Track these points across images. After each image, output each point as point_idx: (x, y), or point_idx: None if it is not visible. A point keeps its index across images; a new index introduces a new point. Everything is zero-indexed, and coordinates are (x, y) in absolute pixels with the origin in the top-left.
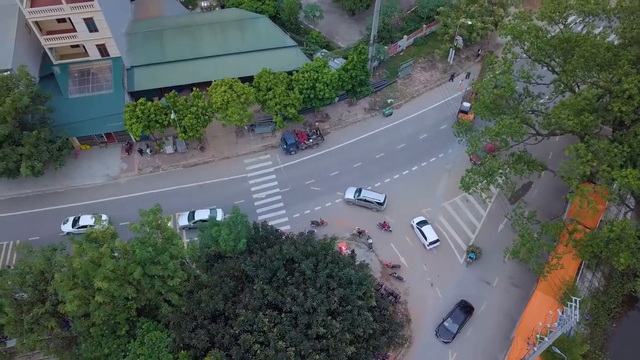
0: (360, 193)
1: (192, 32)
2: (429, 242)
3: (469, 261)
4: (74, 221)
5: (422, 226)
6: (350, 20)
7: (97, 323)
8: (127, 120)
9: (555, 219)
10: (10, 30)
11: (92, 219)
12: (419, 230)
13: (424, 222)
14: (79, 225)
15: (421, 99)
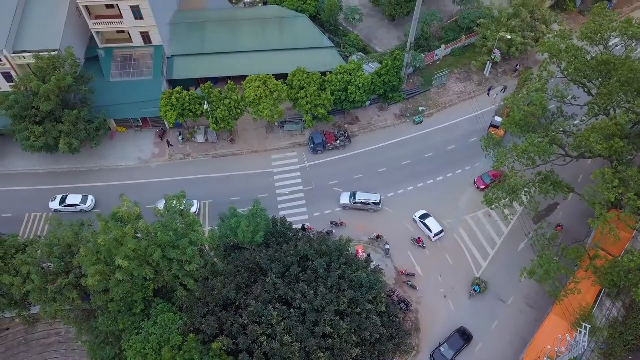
0: (355, 196)
1: (232, 26)
2: (434, 233)
3: (472, 294)
4: (61, 199)
5: (424, 219)
6: (390, 25)
7: (115, 299)
8: (162, 107)
9: (577, 242)
10: (61, 12)
11: (79, 198)
12: (422, 224)
13: (426, 214)
14: (66, 204)
15: (453, 109)
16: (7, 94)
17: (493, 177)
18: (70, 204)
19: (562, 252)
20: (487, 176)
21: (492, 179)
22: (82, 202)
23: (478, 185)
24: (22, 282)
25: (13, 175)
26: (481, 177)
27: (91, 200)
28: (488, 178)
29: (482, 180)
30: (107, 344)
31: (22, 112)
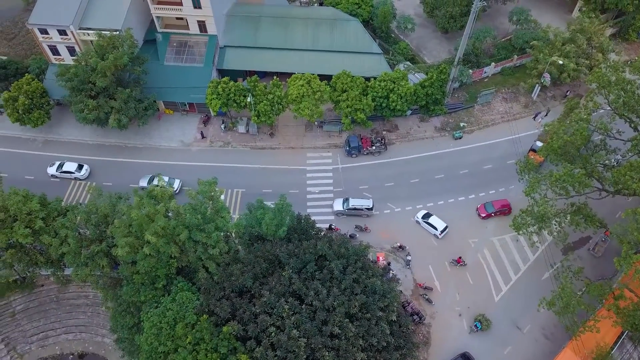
0: (349, 202)
1: (285, 24)
2: (440, 230)
3: (473, 329)
4: (59, 166)
5: (427, 218)
6: (442, 37)
7: (141, 272)
8: (209, 95)
9: (604, 279)
10: None
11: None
12: (427, 224)
13: (428, 214)
14: (62, 170)
15: (495, 128)
16: (69, 67)
17: (497, 207)
18: (66, 171)
19: (585, 288)
20: (490, 205)
21: (495, 209)
22: (77, 170)
23: (480, 213)
24: (60, 244)
25: (65, 144)
26: (484, 206)
27: (86, 170)
28: (492, 208)
29: (485, 208)
30: (128, 313)
31: (80, 85)
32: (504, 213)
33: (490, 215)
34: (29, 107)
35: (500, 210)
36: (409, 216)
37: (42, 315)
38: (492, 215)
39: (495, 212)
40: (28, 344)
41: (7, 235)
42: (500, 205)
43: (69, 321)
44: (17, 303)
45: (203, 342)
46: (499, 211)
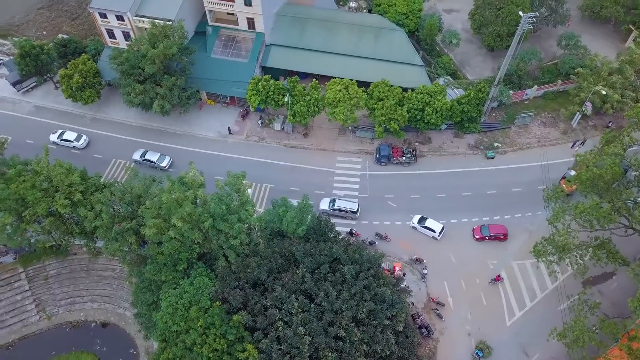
0: (335, 203)
1: (331, 28)
2: (437, 232)
3: (475, 357)
4: (60, 134)
5: (424, 222)
6: (487, 55)
7: (165, 253)
8: (249, 91)
9: (620, 318)
10: None
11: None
12: (424, 227)
13: (423, 218)
14: (62, 138)
15: (529, 152)
16: (122, 51)
17: (493, 232)
18: (65, 139)
19: (599, 324)
20: (486, 229)
21: (490, 233)
22: (75, 140)
23: (474, 234)
24: (94, 217)
25: (111, 123)
26: (480, 228)
27: (84, 140)
28: (487, 231)
29: (480, 231)
30: (149, 290)
31: (130, 70)
32: (498, 238)
33: (484, 239)
34: (82, 85)
35: (495, 236)
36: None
37: (72, 282)
38: (485, 238)
39: (490, 237)
40: (56, 307)
41: (48, 204)
42: (496, 230)
43: (95, 290)
44: (50, 268)
45: (213, 327)
46: (493, 236)
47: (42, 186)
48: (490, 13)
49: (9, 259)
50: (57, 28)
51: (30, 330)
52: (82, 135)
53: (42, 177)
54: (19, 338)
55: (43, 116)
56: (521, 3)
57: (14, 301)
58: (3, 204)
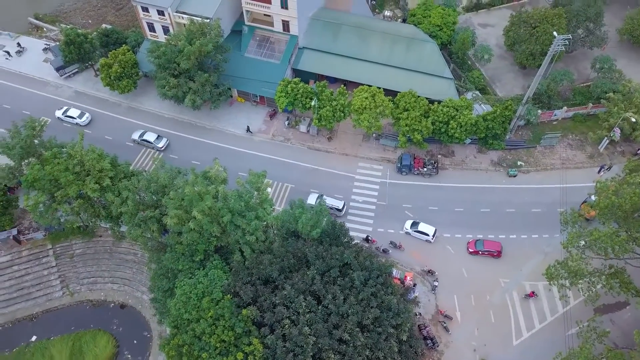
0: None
1: (364, 35)
2: (431, 235)
3: None
4: (64, 111)
5: (416, 227)
6: (519, 72)
7: (184, 243)
8: (278, 92)
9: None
10: None
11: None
12: (417, 232)
13: (416, 223)
14: (66, 115)
15: (553, 173)
16: (160, 45)
17: (486, 247)
18: (70, 116)
19: (606, 353)
20: (481, 244)
21: (484, 249)
22: (79, 117)
23: (468, 247)
24: (121, 203)
25: (144, 112)
26: (475, 243)
27: (87, 118)
28: (481, 246)
29: (475, 245)
30: (166, 277)
31: (166, 63)
32: (492, 255)
33: (477, 253)
34: (120, 74)
35: (488, 252)
36: (446, 243)
37: (95, 262)
38: (479, 253)
39: (483, 252)
40: (79, 285)
41: (79, 187)
42: (491, 247)
43: (116, 272)
44: (76, 247)
45: (223, 318)
46: (487, 252)
47: (74, 169)
48: (525, 31)
49: (39, 236)
50: (102, 17)
51: (53, 304)
52: (85, 113)
53: (75, 161)
54: (42, 311)
55: (82, 101)
56: (557, 23)
57: (41, 276)
58: (38, 184)
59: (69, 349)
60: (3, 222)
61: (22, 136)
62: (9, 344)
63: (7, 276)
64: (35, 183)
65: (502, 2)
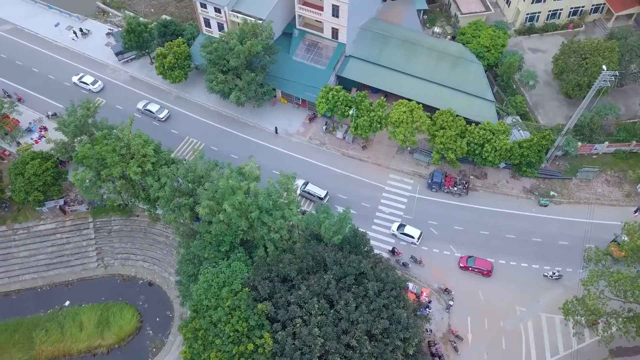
0: (306, 186)
1: (411, 49)
2: (416, 238)
3: None
4: (80, 77)
5: (403, 229)
6: (563, 101)
7: (212, 232)
8: (319, 97)
9: None
10: None
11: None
12: (403, 234)
13: (402, 225)
14: (81, 80)
15: (586, 208)
16: (213, 41)
17: (476, 265)
18: (83, 82)
19: None
20: (472, 260)
21: (474, 266)
22: (92, 84)
23: (460, 262)
24: (159, 188)
25: (192, 103)
26: (467, 259)
27: (99, 85)
28: (472, 263)
29: (466, 261)
30: (192, 263)
31: (216, 59)
32: (481, 272)
33: (467, 269)
34: (173, 65)
35: (478, 269)
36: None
37: (130, 239)
38: (468, 269)
39: (473, 268)
40: (113, 259)
41: (122, 168)
42: (481, 265)
43: (148, 252)
44: (115, 224)
45: (239, 309)
46: (477, 269)
47: (120, 151)
48: (574, 61)
49: (82, 208)
50: (163, 7)
51: (87, 274)
52: (98, 81)
53: (122, 144)
54: (77, 279)
55: (135, 86)
56: (609, 56)
57: (80, 246)
58: (86, 161)
59: (97, 317)
60: (52, 192)
61: (77, 115)
62: (45, 305)
63: (51, 242)
64: (84, 160)
65: (556, 28)
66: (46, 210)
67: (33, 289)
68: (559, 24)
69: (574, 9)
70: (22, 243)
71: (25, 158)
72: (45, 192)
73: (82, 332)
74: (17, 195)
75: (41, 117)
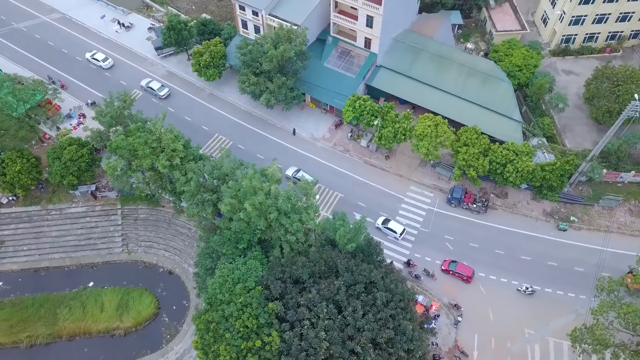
0: (298, 172)
1: (442, 64)
2: (398, 233)
3: None
4: (92, 54)
5: (387, 224)
6: (593, 126)
7: (232, 230)
8: (346, 106)
9: None
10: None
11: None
12: (386, 229)
13: (387, 219)
14: (93, 57)
15: (606, 236)
16: (248, 43)
17: (458, 270)
18: (95, 58)
19: None
20: (454, 265)
21: (455, 270)
22: (102, 61)
23: (442, 265)
24: (185, 182)
25: (224, 101)
26: (449, 263)
27: (109, 62)
28: (454, 267)
29: (449, 265)
30: (210, 257)
31: (250, 61)
32: (462, 278)
33: (448, 272)
34: (209, 63)
35: (458, 274)
36: (479, 282)
37: (154, 229)
38: (449, 272)
39: (454, 272)
40: (137, 245)
41: (152, 161)
42: (462, 270)
43: (170, 242)
44: (141, 212)
45: (250, 306)
46: (457, 274)
47: (152, 144)
48: (607, 87)
49: (112, 195)
50: (204, 5)
51: (112, 258)
52: (108, 57)
53: (154, 137)
54: (102, 262)
55: (172, 81)
56: None
57: (107, 231)
58: (119, 151)
59: (118, 300)
60: (85, 177)
61: (114, 107)
62: (71, 284)
63: (80, 225)
64: (117, 150)
65: (592, 51)
66: (78, 194)
67: (61, 267)
68: (596, 48)
69: (612, 33)
70: (54, 223)
71: (63, 143)
72: (79, 176)
73: (103, 313)
74: (53, 177)
75: (81, 105)
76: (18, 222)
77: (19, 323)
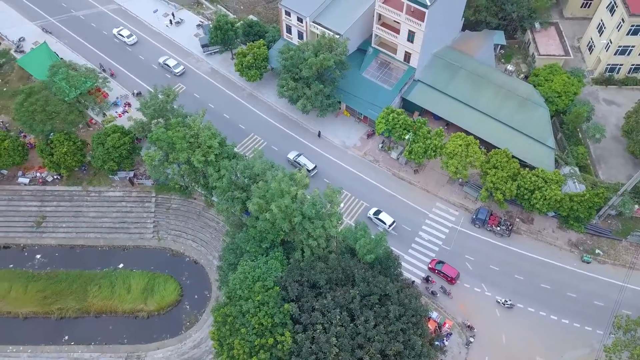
0: (298, 156)
1: (479, 83)
2: (388, 225)
3: None
4: (119, 31)
5: (378, 215)
6: (629, 160)
7: (257, 228)
8: (380, 117)
9: None
10: (360, 9)
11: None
12: (377, 219)
13: (379, 211)
14: (120, 33)
15: (630, 273)
16: (290, 49)
17: (443, 270)
18: (122, 34)
19: None
20: (440, 265)
21: (440, 270)
22: (128, 37)
23: (430, 263)
24: (217, 179)
25: (262, 103)
26: (436, 262)
27: (133, 39)
28: (440, 267)
29: (435, 265)
30: (234, 252)
31: (290, 67)
32: (446, 278)
33: (434, 271)
34: (251, 64)
35: (443, 274)
36: (495, 306)
37: (184, 219)
38: (435, 271)
39: (439, 272)
40: (167, 234)
41: (188, 155)
42: (447, 271)
43: (198, 233)
44: (174, 202)
45: (267, 305)
46: (442, 273)
47: (189, 139)
48: None
49: (148, 183)
50: (252, 6)
51: (142, 243)
52: (133, 35)
53: (192, 132)
54: (133, 246)
55: (215, 78)
56: None
57: (140, 216)
58: (158, 143)
59: (144, 284)
60: (125, 164)
61: (158, 100)
62: (102, 264)
63: (116, 209)
64: (156, 141)
65: (637, 83)
66: (117, 179)
67: (95, 247)
68: None
69: None
70: (93, 204)
71: (107, 130)
72: (119, 163)
73: (129, 295)
74: (96, 162)
75: (127, 94)
76: (60, 200)
77: (52, 295)
